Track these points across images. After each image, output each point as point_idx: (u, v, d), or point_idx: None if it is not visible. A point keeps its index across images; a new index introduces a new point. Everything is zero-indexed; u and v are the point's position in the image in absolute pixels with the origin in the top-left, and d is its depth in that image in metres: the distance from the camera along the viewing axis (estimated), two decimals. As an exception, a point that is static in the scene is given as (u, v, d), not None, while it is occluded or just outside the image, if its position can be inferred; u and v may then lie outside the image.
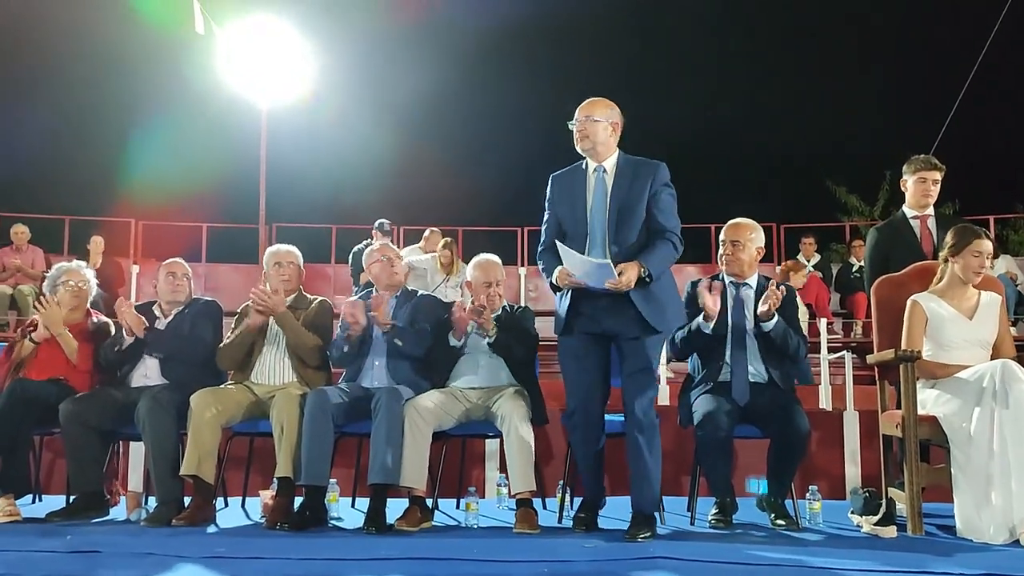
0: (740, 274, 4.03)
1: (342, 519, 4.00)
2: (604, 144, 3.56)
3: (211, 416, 3.88)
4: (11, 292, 9.60)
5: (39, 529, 3.68)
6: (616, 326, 3.49)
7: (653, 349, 3.54)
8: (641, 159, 3.63)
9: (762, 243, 4.09)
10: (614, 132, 3.59)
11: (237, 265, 11.54)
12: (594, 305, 3.50)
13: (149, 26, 12.01)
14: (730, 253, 4.04)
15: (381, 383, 4.06)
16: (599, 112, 3.56)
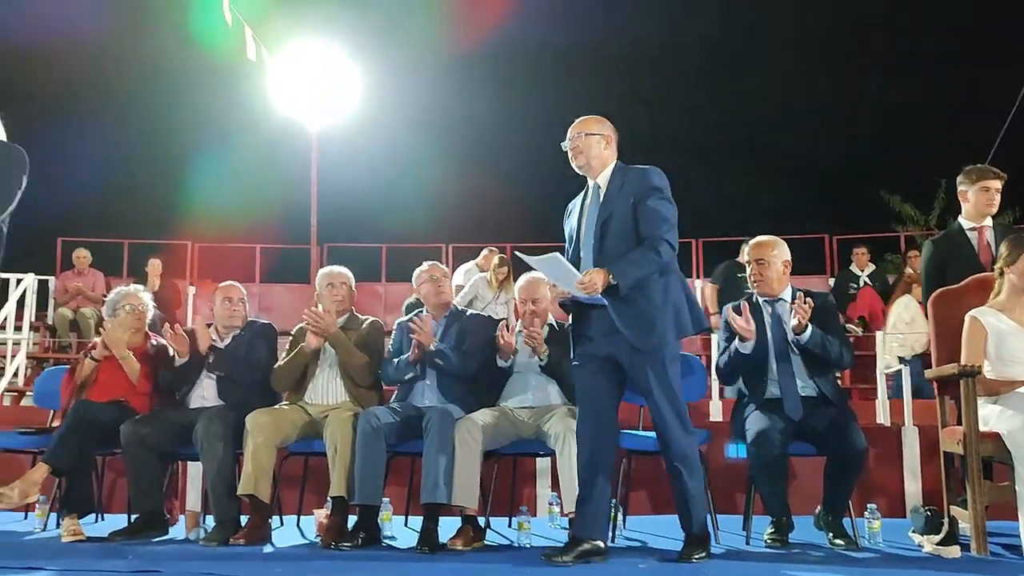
0: (770, 291, 4.00)
1: (395, 538, 4.03)
2: (599, 158, 3.52)
3: (266, 436, 3.94)
4: (72, 315, 9.88)
5: (102, 548, 3.77)
6: (610, 346, 3.38)
7: (656, 366, 3.31)
8: (633, 167, 3.52)
9: (787, 257, 4.05)
10: (608, 145, 3.54)
11: (290, 285, 11.71)
12: (593, 326, 3.42)
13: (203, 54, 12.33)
14: (756, 272, 4.02)
15: (432, 402, 4.09)
16: (592, 127, 3.53)
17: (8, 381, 8.40)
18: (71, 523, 4.02)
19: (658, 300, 3.32)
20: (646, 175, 3.45)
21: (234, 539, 3.84)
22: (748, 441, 3.74)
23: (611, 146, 3.56)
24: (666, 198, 3.43)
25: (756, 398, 3.92)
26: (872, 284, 9.54)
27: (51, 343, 9.94)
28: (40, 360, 9.52)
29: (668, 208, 3.41)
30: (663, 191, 3.43)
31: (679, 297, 3.39)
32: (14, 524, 4.61)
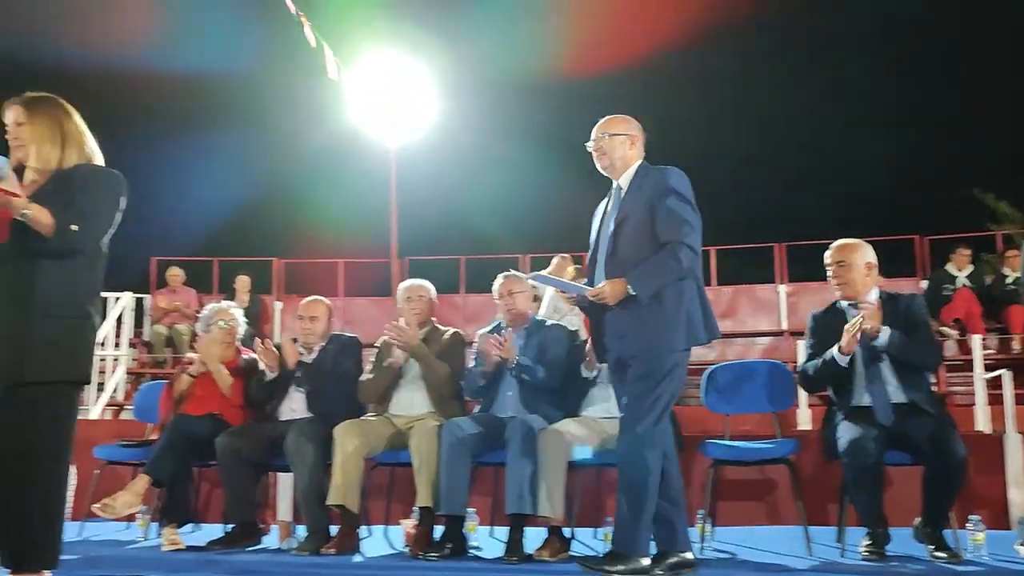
0: (853, 294, 3.88)
1: (482, 548, 4.05)
2: (623, 159, 3.40)
3: (354, 447, 4.02)
4: (167, 332, 10.26)
5: (200, 557, 3.89)
6: (620, 349, 3.27)
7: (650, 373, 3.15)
8: (654, 167, 3.38)
9: (871, 259, 3.92)
10: (633, 145, 3.42)
11: (373, 298, 11.91)
12: (607, 331, 3.32)
13: (285, 72, 12.70)
14: (838, 276, 3.91)
15: (514, 413, 4.09)
16: (616, 127, 3.43)
17: (108, 396, 8.76)
18: (171, 533, 4.16)
19: (670, 307, 3.17)
20: (663, 175, 3.30)
21: (325, 549, 3.92)
22: (840, 451, 3.63)
23: (636, 146, 3.44)
24: (685, 200, 3.25)
25: (844, 406, 3.81)
26: (970, 286, 9.15)
27: (148, 359, 10.33)
28: (138, 375, 9.91)
29: (686, 210, 3.23)
30: (681, 193, 3.26)
31: (693, 304, 3.22)
32: (117, 533, 4.80)
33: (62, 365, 2.71)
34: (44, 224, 2.63)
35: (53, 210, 2.64)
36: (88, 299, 2.80)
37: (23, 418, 2.65)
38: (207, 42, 14.30)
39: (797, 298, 10.99)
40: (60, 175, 2.80)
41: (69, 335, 2.72)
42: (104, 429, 6.65)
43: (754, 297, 11.39)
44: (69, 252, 2.71)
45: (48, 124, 2.82)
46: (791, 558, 3.74)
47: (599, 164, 3.46)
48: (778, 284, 11.21)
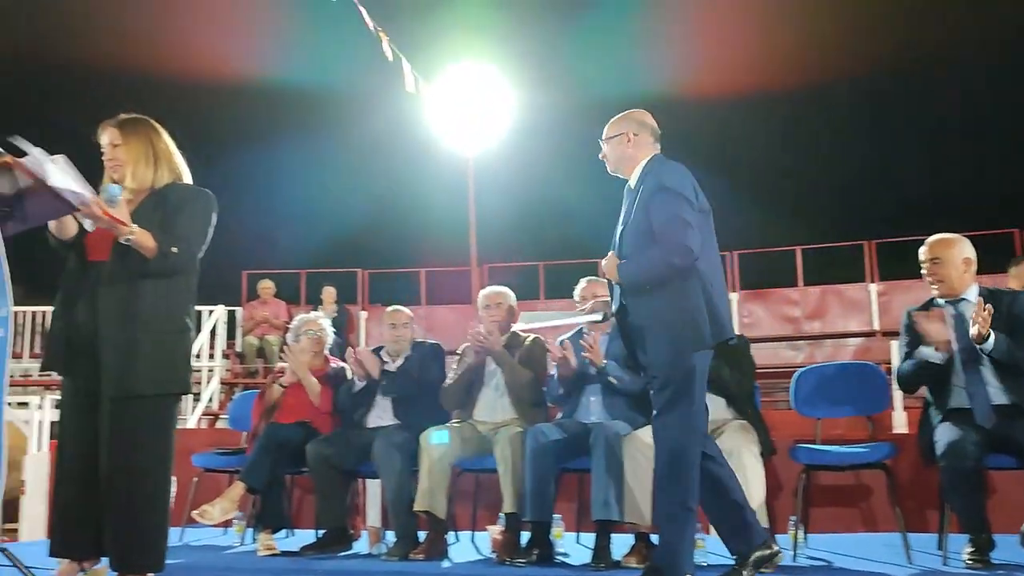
0: (950, 291, 3.73)
1: (568, 555, 4.04)
2: (624, 159, 3.30)
3: (440, 454, 4.07)
4: (259, 343, 10.58)
5: (295, 562, 3.99)
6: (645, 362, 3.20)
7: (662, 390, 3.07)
8: (659, 163, 3.24)
9: (968, 254, 3.75)
10: (631, 142, 3.29)
11: (453, 306, 12.05)
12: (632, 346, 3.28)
13: (365, 85, 12.95)
14: (933, 273, 3.76)
15: (598, 418, 4.08)
16: (610, 129, 3.35)
17: (204, 406, 9.08)
18: (266, 538, 4.28)
19: (672, 312, 3.05)
20: (659, 172, 3.18)
21: (413, 554, 3.98)
22: (938, 455, 3.50)
23: (635, 142, 3.29)
24: (678, 196, 3.08)
25: (942, 407, 3.67)
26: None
27: (240, 369, 10.67)
28: (231, 385, 10.25)
29: (677, 206, 3.07)
30: (672, 188, 3.10)
31: (697, 305, 3.06)
32: (215, 539, 4.96)
33: (164, 378, 2.85)
34: (147, 248, 2.79)
35: (155, 234, 2.79)
36: (185, 313, 2.94)
37: (129, 428, 2.79)
38: (291, 56, 14.70)
39: (889, 297, 10.66)
40: (155, 194, 2.94)
41: (169, 349, 2.86)
42: (201, 438, 6.89)
43: (843, 297, 11.09)
44: (170, 273, 2.86)
45: (142, 145, 2.96)
46: (890, 566, 3.61)
47: (608, 169, 3.39)
48: (869, 283, 10.88)
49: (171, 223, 2.87)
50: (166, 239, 2.81)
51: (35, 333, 10.59)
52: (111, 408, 2.79)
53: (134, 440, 2.80)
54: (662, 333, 3.08)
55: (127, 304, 2.81)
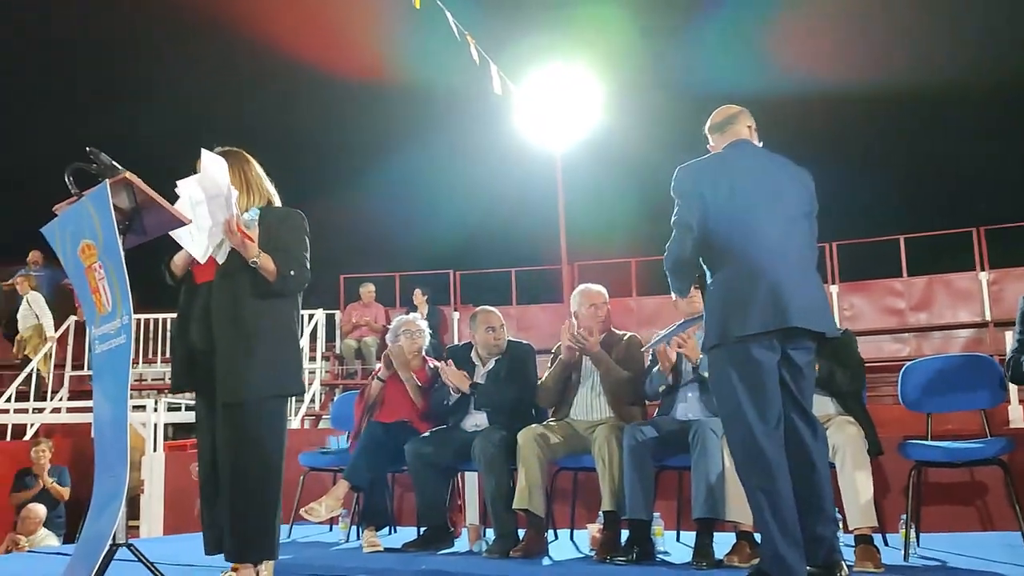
0: None
1: (669, 553, 4.00)
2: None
3: (538, 452, 4.09)
4: (357, 345, 10.85)
5: (398, 558, 4.09)
6: None
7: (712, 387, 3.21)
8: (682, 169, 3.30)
9: None
10: (712, 146, 3.41)
11: (544, 305, 12.09)
12: None
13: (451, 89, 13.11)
14: None
15: (695, 415, 4.03)
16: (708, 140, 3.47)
17: (307, 407, 9.37)
18: (370, 535, 4.39)
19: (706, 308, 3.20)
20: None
21: (513, 552, 4.01)
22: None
23: (713, 142, 3.43)
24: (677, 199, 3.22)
25: None
26: None
27: (340, 370, 10.97)
28: (331, 387, 10.54)
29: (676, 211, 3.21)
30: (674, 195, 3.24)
31: (722, 296, 3.09)
32: (321, 536, 5.12)
33: (277, 381, 3.06)
34: (269, 271, 3.06)
35: (274, 257, 3.07)
36: (291, 320, 3.16)
37: (245, 428, 2.99)
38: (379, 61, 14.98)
39: (1001, 286, 10.19)
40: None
41: (280, 354, 3.08)
42: (305, 438, 7.13)
43: (951, 287, 10.65)
44: (288, 293, 3.14)
45: (236, 173, 3.21)
46: (1009, 566, 3.45)
47: None
48: (979, 271, 10.42)
49: (276, 243, 3.11)
50: (285, 262, 3.08)
51: (148, 339, 11.10)
52: (225, 413, 3.00)
53: (249, 438, 3.00)
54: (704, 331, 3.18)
55: (235, 317, 3.03)
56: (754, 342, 3.00)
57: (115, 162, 2.86)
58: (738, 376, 3.02)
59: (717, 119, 3.40)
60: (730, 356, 3.03)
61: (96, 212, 2.78)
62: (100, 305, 2.86)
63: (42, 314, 9.80)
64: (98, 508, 2.81)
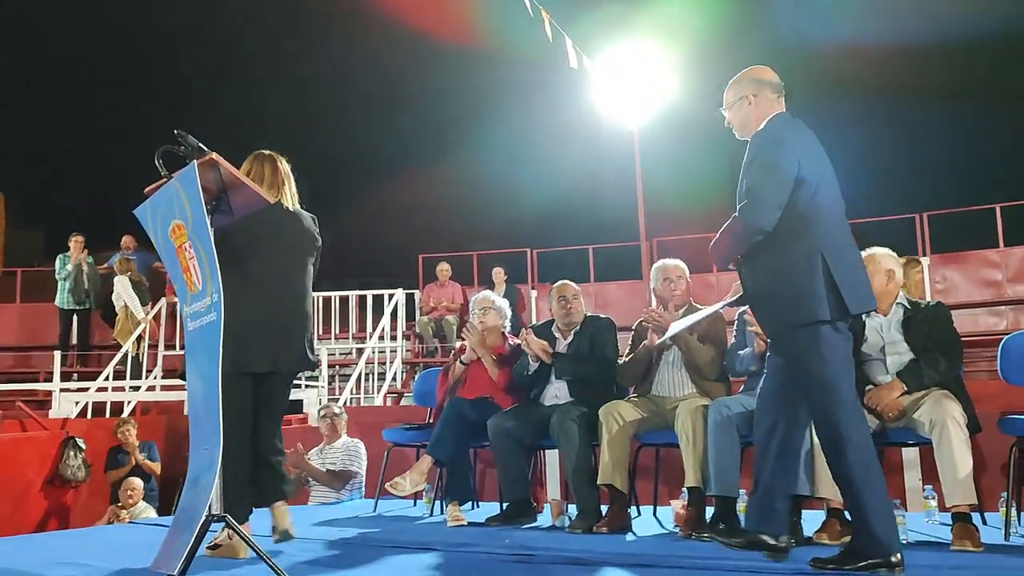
0: None
1: (755, 530, 3.93)
2: (749, 121, 3.16)
3: (620, 428, 4.07)
4: (436, 323, 10.95)
5: (482, 532, 4.12)
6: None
7: (791, 353, 2.99)
8: (761, 131, 3.07)
9: None
10: (752, 103, 3.14)
11: (622, 282, 11.98)
12: None
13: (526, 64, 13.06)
14: None
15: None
16: (729, 97, 3.22)
17: (388, 384, 9.53)
18: (454, 510, 4.44)
19: (768, 286, 3.00)
20: (756, 143, 3.04)
21: (597, 527, 4.01)
22: None
23: (757, 101, 3.14)
24: (760, 163, 2.97)
25: None
26: None
27: (420, 349, 11.11)
28: (412, 364, 10.69)
29: (761, 182, 2.95)
30: (757, 158, 3.00)
31: (798, 279, 2.91)
32: (405, 510, 5.20)
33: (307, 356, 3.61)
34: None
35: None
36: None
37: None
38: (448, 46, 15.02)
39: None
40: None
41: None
42: (388, 414, 7.25)
43: (1051, 257, 10.15)
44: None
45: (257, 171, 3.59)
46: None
47: (737, 136, 3.25)
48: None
49: None
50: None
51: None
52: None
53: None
54: (767, 306, 3.05)
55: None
56: (849, 321, 2.98)
57: (201, 144, 2.93)
58: (843, 354, 2.94)
59: (775, 79, 3.20)
60: (835, 334, 2.91)
61: (185, 193, 2.85)
62: (191, 284, 2.94)
63: (129, 298, 10.17)
64: (193, 481, 2.90)
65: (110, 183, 22.14)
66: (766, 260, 3.00)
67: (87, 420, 8.35)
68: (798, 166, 2.94)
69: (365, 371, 9.51)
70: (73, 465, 7.39)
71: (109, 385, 9.11)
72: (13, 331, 11.95)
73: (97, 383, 9.01)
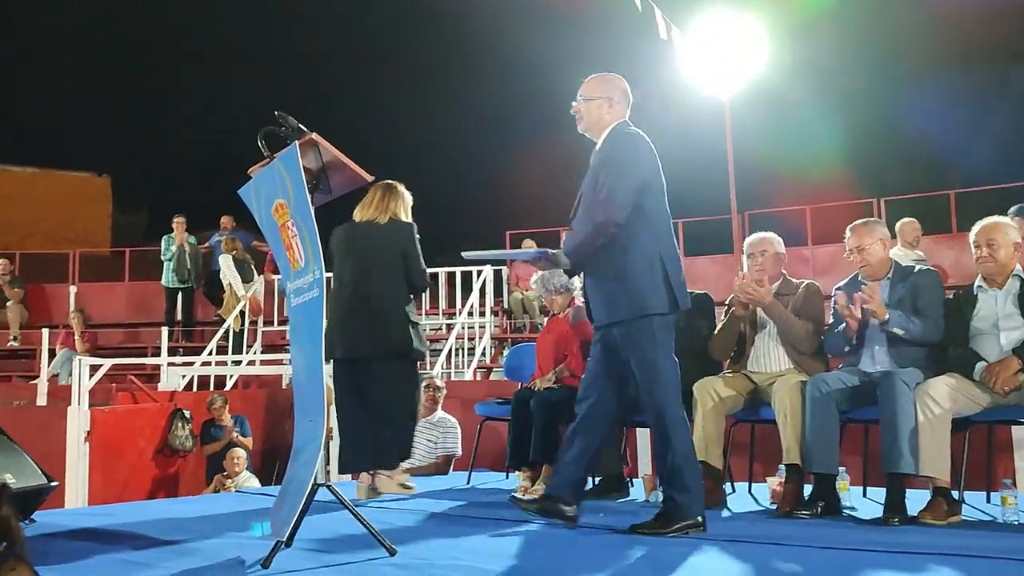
0: None
1: (856, 508, 3.85)
2: (599, 123, 3.38)
3: (714, 404, 4.02)
4: (521, 298, 11.01)
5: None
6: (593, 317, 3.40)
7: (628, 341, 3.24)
8: (621, 132, 3.32)
9: None
10: (612, 107, 3.37)
11: (714, 256, 11.78)
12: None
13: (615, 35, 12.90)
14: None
15: (884, 367, 3.82)
16: (593, 90, 3.38)
17: (478, 359, 9.64)
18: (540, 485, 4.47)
19: (622, 272, 3.22)
20: (611, 145, 3.29)
21: (692, 503, 3.97)
22: None
23: (615, 108, 3.38)
24: (616, 162, 3.22)
25: None
26: None
27: (508, 324, 11.18)
28: (500, 340, 10.77)
29: (614, 178, 3.20)
30: (618, 160, 3.23)
31: (661, 267, 3.23)
32: (499, 483, 5.27)
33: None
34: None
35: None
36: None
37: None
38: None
39: None
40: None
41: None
42: (478, 388, 7.34)
43: None
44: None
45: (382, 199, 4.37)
46: None
47: (579, 128, 3.44)
48: None
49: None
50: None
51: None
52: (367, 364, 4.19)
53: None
54: (612, 298, 3.26)
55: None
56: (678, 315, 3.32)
57: (301, 125, 3.01)
58: (671, 345, 3.29)
59: (630, 93, 3.44)
60: (666, 326, 3.25)
61: (287, 172, 2.93)
62: (293, 261, 3.04)
63: (232, 276, 10.53)
64: (298, 452, 3.01)
65: (208, 166, 22.99)
66: (613, 255, 3.22)
67: (192, 393, 8.71)
68: (647, 172, 3.25)
69: (455, 346, 9.63)
70: (181, 436, 7.74)
71: (213, 359, 9.48)
72: (122, 308, 12.54)
73: (202, 357, 9.40)
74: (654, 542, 3.10)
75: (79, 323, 10.89)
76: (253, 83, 19.45)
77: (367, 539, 2.91)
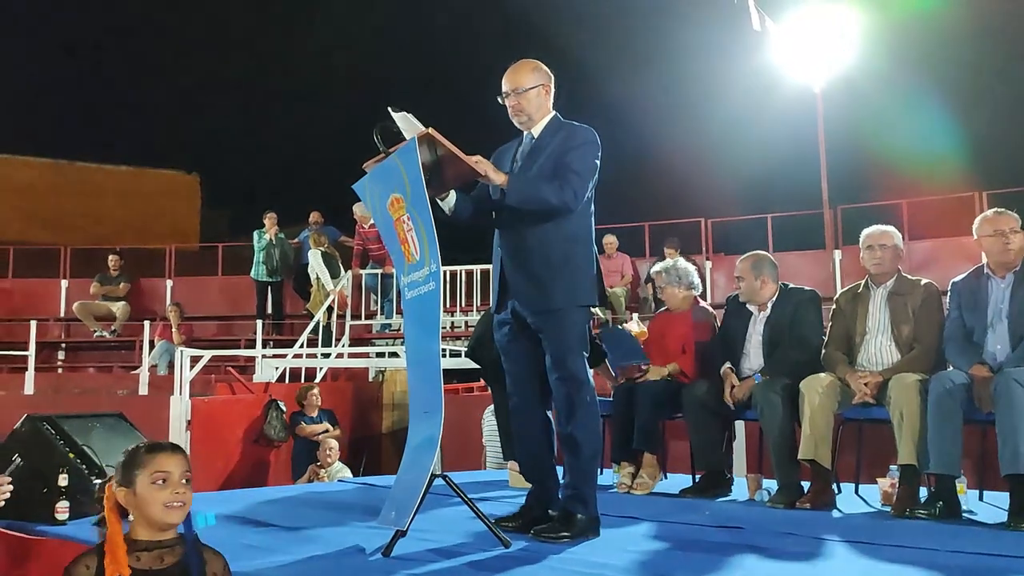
0: None
1: (975, 512, 3.71)
2: (539, 111, 3.27)
3: (822, 402, 3.92)
4: (608, 293, 10.93)
5: (679, 503, 4.11)
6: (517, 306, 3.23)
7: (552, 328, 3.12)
8: (570, 123, 3.26)
9: None
10: (547, 94, 3.28)
11: (804, 252, 11.50)
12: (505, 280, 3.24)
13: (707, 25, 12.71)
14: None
15: (1007, 365, 3.65)
16: (527, 79, 3.23)
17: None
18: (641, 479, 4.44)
19: (559, 260, 3.13)
20: (576, 132, 3.22)
21: (800, 503, 3.90)
22: None
23: (548, 94, 3.29)
24: (586, 153, 3.17)
25: None
26: None
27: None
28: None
29: (584, 163, 3.15)
30: (584, 146, 3.18)
31: (577, 264, 3.17)
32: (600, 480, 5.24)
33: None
34: None
35: None
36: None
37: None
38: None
39: None
40: None
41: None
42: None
43: None
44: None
45: None
46: None
47: (516, 121, 3.30)
48: None
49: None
50: None
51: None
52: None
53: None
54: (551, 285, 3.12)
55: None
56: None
57: (417, 120, 3.03)
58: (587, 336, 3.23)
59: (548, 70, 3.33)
60: (589, 318, 3.27)
61: (404, 167, 2.96)
62: (408, 255, 3.07)
63: (320, 270, 10.75)
64: (414, 444, 3.05)
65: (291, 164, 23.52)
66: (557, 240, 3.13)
67: (285, 384, 8.93)
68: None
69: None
70: (276, 426, 7.96)
71: (304, 352, 9.70)
72: (216, 302, 12.93)
73: (294, 350, 9.62)
74: (762, 539, 3.04)
75: (176, 316, 11.27)
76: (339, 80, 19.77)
77: (483, 531, 2.93)
